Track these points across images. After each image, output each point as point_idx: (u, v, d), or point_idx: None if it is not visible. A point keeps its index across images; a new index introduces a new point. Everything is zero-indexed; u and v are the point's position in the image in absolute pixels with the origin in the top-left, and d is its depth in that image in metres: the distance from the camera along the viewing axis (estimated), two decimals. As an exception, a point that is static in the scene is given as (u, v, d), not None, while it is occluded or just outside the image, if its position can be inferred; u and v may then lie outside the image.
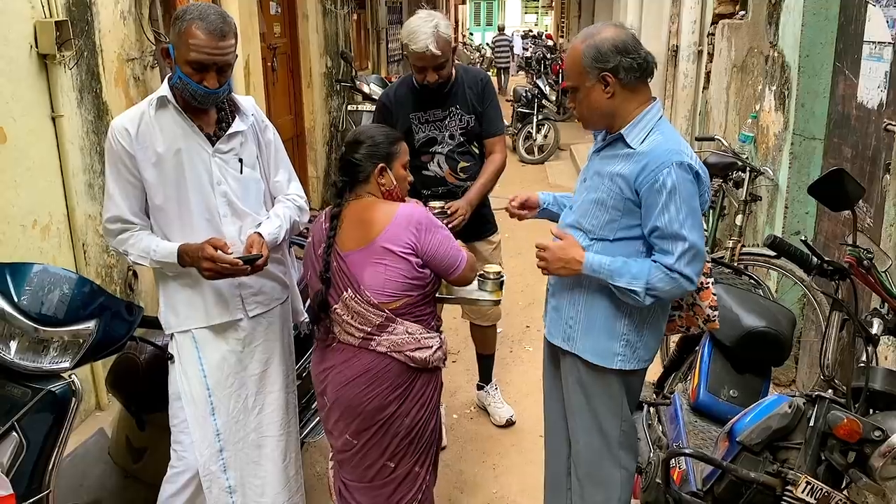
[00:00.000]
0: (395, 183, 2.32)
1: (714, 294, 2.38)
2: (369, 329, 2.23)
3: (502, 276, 2.70)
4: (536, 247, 2.29)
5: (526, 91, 10.89)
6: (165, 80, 2.25)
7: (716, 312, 2.37)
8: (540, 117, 10.52)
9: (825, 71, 3.68)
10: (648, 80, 2.17)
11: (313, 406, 3.15)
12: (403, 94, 3.30)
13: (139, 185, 2.25)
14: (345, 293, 2.24)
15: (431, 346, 2.29)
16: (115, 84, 3.88)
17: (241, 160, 2.34)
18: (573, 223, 2.35)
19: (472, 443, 3.57)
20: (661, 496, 2.47)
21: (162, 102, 2.23)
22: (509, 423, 3.70)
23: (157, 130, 2.22)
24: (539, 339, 4.64)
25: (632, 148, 2.17)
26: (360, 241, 2.23)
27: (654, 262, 2.15)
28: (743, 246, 3.81)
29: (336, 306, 2.26)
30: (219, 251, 2.17)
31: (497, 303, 2.76)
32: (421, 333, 2.27)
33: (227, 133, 2.30)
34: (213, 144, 2.28)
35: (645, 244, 2.21)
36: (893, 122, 2.89)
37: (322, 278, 2.28)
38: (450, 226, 3.06)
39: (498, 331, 4.19)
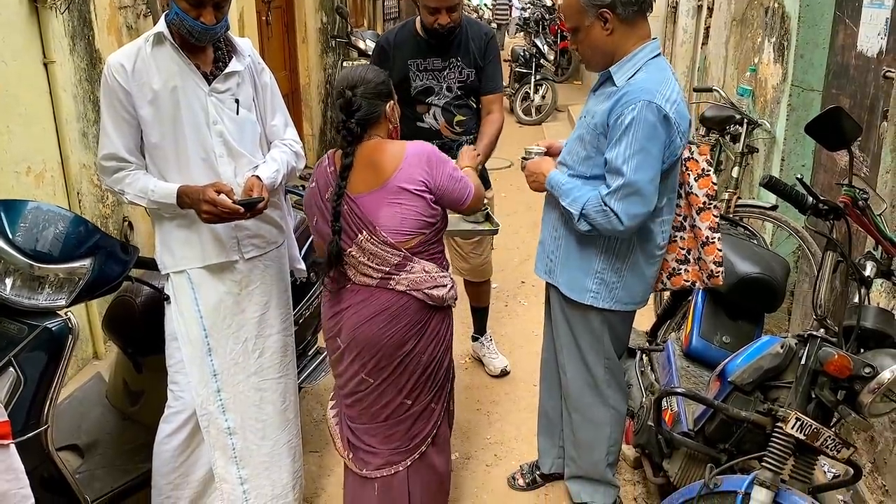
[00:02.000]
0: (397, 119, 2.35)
1: (720, 250, 2.34)
2: (387, 269, 2.21)
3: (486, 207, 2.83)
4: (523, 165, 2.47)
5: (524, 51, 10.76)
6: (162, 16, 2.22)
7: (720, 269, 2.34)
8: (538, 77, 10.40)
9: (825, 20, 3.64)
10: (648, 13, 2.16)
11: (309, 353, 3.18)
12: (404, 38, 3.22)
13: (134, 123, 2.23)
14: (359, 235, 2.19)
15: (446, 285, 2.30)
16: (108, 32, 3.83)
17: (237, 101, 2.31)
18: (561, 160, 2.40)
19: (466, 391, 3.60)
20: (652, 437, 2.51)
21: (159, 39, 2.20)
22: (504, 373, 3.74)
23: (153, 67, 2.19)
24: (534, 295, 4.67)
25: (616, 86, 2.18)
26: (373, 182, 2.19)
27: (597, 191, 2.18)
28: (739, 198, 3.81)
29: (350, 249, 2.21)
30: (221, 195, 2.16)
31: (495, 231, 2.90)
32: (436, 272, 2.27)
33: (224, 72, 2.27)
34: (209, 84, 2.25)
35: None
36: (892, 70, 2.87)
37: (333, 228, 2.21)
38: None
39: (494, 286, 4.21)
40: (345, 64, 7.90)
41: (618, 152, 2.10)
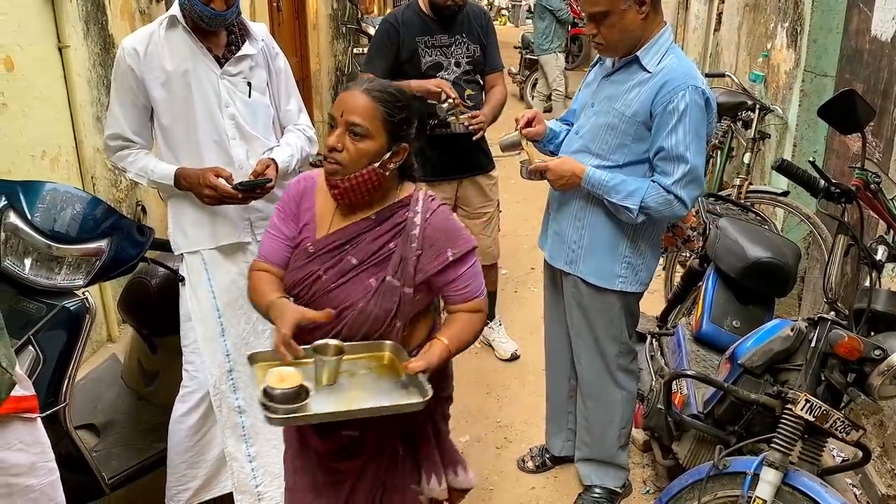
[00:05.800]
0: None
1: (695, 216, 2.44)
2: None
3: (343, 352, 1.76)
4: (538, 170, 2.32)
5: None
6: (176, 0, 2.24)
7: (696, 233, 2.41)
8: (549, 64, 10.32)
9: (839, 5, 3.62)
10: None
11: (320, 335, 3.19)
12: (410, 17, 3.31)
13: (140, 105, 2.27)
14: None
15: None
16: (121, 17, 3.85)
17: (249, 84, 2.33)
18: (581, 148, 2.35)
19: (476, 375, 3.62)
20: (662, 420, 2.53)
21: (172, 22, 2.23)
22: (514, 358, 3.76)
23: (166, 50, 2.21)
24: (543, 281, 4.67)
25: (648, 71, 2.17)
26: None
27: (653, 181, 2.17)
28: (750, 184, 3.81)
29: None
30: (221, 179, 2.20)
31: (420, 404, 1.65)
32: None
33: (236, 56, 2.29)
34: (221, 66, 2.27)
35: (651, 167, 2.23)
36: (907, 54, 2.86)
37: None
38: (472, 128, 3.16)
39: (503, 272, 4.22)
40: (355, 50, 7.90)
41: (677, 140, 2.11)
